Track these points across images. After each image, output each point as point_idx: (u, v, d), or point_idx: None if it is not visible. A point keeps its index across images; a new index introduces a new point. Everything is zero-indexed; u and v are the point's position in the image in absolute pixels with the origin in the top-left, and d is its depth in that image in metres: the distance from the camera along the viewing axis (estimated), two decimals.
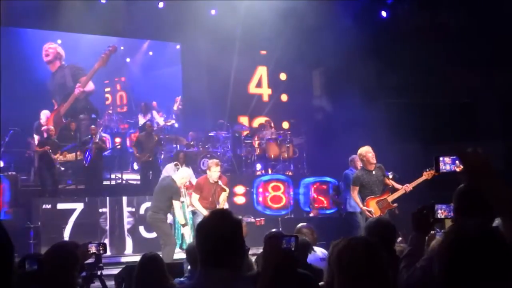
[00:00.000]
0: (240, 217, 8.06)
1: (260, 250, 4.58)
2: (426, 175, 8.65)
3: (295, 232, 6.22)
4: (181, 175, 9.46)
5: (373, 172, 8.82)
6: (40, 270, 3.41)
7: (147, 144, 13.26)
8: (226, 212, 2.48)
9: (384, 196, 8.76)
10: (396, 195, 8.79)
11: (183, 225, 9.16)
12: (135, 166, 15.31)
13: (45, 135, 13.21)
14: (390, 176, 9.39)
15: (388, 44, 14.93)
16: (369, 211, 8.61)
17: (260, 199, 13.62)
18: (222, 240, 2.31)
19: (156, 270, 4.50)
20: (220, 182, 9.14)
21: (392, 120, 13.75)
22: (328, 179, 13.98)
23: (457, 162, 2.28)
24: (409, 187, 8.79)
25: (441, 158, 2.31)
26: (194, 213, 10.15)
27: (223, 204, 9.23)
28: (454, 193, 2.86)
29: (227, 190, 9.41)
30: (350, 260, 2.24)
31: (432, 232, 5.12)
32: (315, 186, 14.00)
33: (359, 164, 9.86)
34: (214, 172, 9.13)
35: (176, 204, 9.03)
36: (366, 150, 8.88)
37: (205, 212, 8.79)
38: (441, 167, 2.33)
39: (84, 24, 15.04)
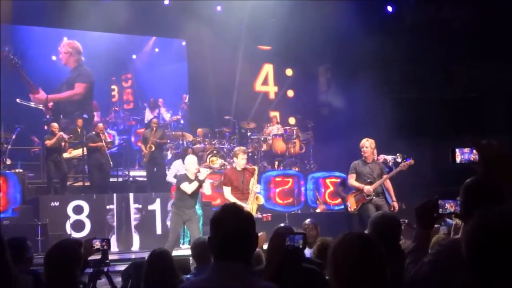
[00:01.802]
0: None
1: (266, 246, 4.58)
2: (402, 166, 9.35)
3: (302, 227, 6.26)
4: (187, 161, 9.40)
5: (369, 165, 9.20)
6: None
7: (151, 139, 13.31)
8: (238, 206, 2.50)
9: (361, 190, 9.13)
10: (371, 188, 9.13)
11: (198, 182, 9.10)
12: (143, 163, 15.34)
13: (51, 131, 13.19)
14: (399, 160, 9.65)
15: (394, 39, 14.88)
16: (347, 206, 9.32)
17: (271, 195, 13.63)
18: (235, 234, 2.34)
19: (164, 266, 4.51)
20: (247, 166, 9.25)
21: (398, 115, 13.71)
22: (337, 174, 13.93)
23: (473, 153, 2.27)
24: (383, 179, 9.23)
25: (457, 150, 2.31)
26: (206, 205, 10.25)
27: (254, 187, 9.23)
28: (461, 187, 2.83)
29: (256, 169, 9.50)
30: (345, 256, 2.22)
31: (436, 226, 5.11)
32: (324, 181, 13.98)
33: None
34: (241, 160, 9.15)
35: (184, 186, 9.00)
36: (363, 144, 9.26)
37: (243, 204, 8.78)
38: (457, 158, 2.31)
39: (90, 21, 15.06)
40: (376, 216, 3.86)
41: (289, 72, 17.71)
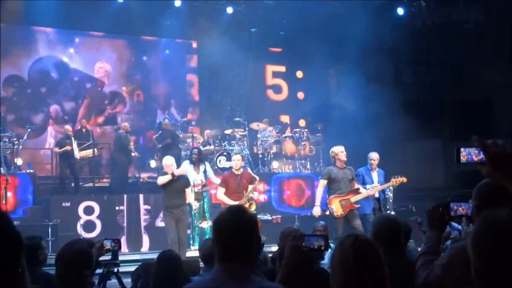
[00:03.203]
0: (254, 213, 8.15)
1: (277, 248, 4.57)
2: (394, 181, 9.42)
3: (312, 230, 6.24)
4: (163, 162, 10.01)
5: (343, 170, 9.30)
6: None
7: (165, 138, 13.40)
8: (242, 208, 2.52)
9: (348, 196, 9.17)
10: (359, 197, 9.24)
11: None
12: (152, 164, 15.37)
13: (63, 135, 13.29)
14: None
15: (405, 41, 14.83)
16: (331, 209, 9.14)
17: (283, 197, 13.63)
18: (238, 235, 2.34)
19: (173, 267, 4.50)
20: (249, 170, 9.54)
21: (409, 117, 13.65)
22: None
23: (477, 153, 2.27)
24: (372, 191, 9.46)
25: (462, 149, 2.30)
26: (215, 207, 10.36)
27: (250, 192, 9.51)
28: (474, 190, 2.80)
29: (257, 178, 9.84)
30: (340, 261, 2.21)
31: (448, 229, 5.09)
32: None
33: (375, 163, 9.96)
34: (233, 161, 9.61)
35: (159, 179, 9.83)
36: (339, 150, 9.42)
37: (230, 202, 9.21)
38: (461, 158, 2.31)
39: (101, 23, 15.10)
40: (378, 218, 3.86)
41: (299, 74, 17.69)
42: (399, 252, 3.55)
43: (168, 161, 9.81)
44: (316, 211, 9.41)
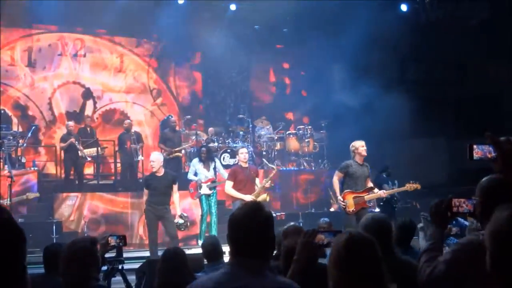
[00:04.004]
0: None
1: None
2: (408, 187, 9.29)
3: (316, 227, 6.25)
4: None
5: (361, 167, 9.12)
6: None
7: (174, 140, 13.30)
8: (259, 205, 2.51)
9: (362, 194, 9.05)
10: (373, 196, 9.15)
11: None
12: None
13: (66, 131, 13.31)
14: (384, 175, 9.69)
15: (409, 37, 14.79)
16: (344, 203, 8.98)
17: (288, 194, 13.66)
18: (254, 231, 2.36)
19: (178, 264, 4.51)
20: (265, 161, 9.61)
21: (414, 114, 13.63)
22: None
23: (490, 150, 2.27)
24: (385, 193, 9.43)
25: (475, 146, 2.30)
26: (219, 204, 10.40)
27: (266, 182, 9.76)
28: (478, 187, 2.80)
29: (275, 167, 10.14)
30: (334, 258, 2.21)
31: (449, 226, 5.09)
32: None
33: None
34: (241, 154, 9.70)
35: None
36: (360, 144, 9.23)
37: (241, 195, 9.34)
38: (474, 155, 2.32)
39: (102, 21, 15.09)
40: (366, 218, 3.82)
41: (303, 71, 17.68)
42: (390, 251, 3.54)
43: (153, 156, 9.73)
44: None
